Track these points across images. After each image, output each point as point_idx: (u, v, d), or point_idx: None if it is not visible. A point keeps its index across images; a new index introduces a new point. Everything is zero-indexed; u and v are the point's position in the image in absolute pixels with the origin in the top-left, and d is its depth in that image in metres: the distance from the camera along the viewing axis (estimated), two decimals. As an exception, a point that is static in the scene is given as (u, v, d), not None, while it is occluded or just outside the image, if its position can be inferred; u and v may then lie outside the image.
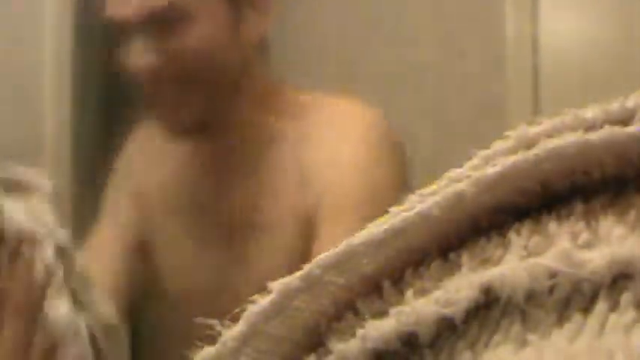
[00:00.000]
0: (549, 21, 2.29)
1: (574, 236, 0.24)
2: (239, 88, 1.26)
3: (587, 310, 0.22)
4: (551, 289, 0.23)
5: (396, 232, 0.26)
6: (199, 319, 0.28)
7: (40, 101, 2.57)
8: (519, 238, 0.24)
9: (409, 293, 0.25)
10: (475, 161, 0.26)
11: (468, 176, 0.25)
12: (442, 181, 0.26)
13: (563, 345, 0.22)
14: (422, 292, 0.25)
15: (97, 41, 2.77)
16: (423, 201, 0.26)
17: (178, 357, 0.28)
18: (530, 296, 0.23)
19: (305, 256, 1.18)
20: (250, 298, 0.26)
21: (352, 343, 0.25)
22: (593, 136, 0.24)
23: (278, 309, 0.26)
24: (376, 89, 2.46)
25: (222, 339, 0.27)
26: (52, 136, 2.59)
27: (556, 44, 2.30)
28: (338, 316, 0.26)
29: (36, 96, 2.57)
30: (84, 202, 2.69)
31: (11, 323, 0.63)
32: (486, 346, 0.23)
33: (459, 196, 0.25)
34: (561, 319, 0.22)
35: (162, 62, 1.21)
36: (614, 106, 0.26)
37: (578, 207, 0.25)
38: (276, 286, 0.26)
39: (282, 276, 0.26)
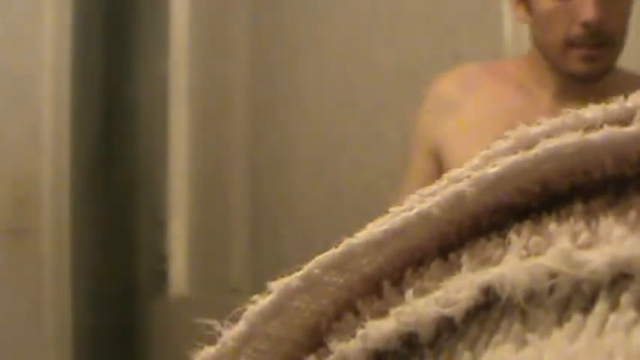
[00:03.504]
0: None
1: (574, 236, 0.24)
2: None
3: (587, 310, 0.22)
4: (551, 289, 0.23)
5: (395, 232, 0.25)
6: (199, 319, 0.28)
7: (40, 101, 2.57)
8: (519, 239, 0.24)
9: (409, 293, 0.25)
10: (475, 161, 0.26)
11: (468, 176, 0.25)
12: (442, 181, 0.26)
13: (563, 345, 0.22)
14: (422, 292, 0.25)
15: (97, 41, 2.77)
16: (422, 201, 0.26)
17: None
18: (530, 296, 0.23)
19: None
20: (251, 298, 0.26)
21: (352, 343, 0.25)
22: (593, 136, 0.24)
23: (278, 309, 0.26)
24: (374, 90, 2.46)
25: (222, 339, 0.27)
26: (51, 135, 2.58)
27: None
28: (338, 316, 0.26)
29: (36, 96, 2.57)
30: (83, 202, 2.69)
31: None
32: (486, 346, 0.23)
33: (459, 196, 0.25)
34: (561, 319, 0.22)
35: (598, 66, 1.50)
36: (614, 106, 0.25)
37: (578, 207, 0.25)
38: (276, 286, 0.26)
39: None
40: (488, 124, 1.53)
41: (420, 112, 1.67)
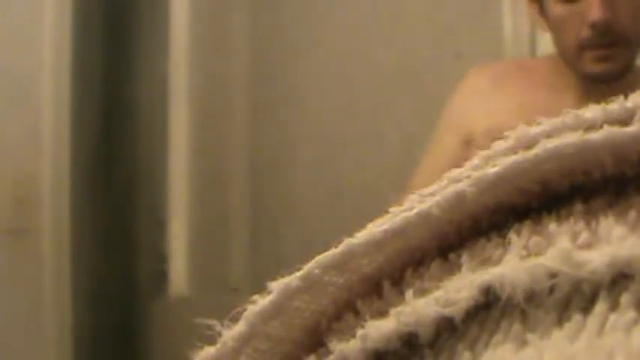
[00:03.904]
0: (548, 21, 2.29)
1: (574, 236, 0.24)
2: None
3: (587, 310, 0.22)
4: (551, 289, 0.23)
5: (395, 233, 0.25)
6: (199, 319, 0.28)
7: (40, 101, 2.57)
8: (519, 238, 0.24)
9: (409, 293, 0.25)
10: (475, 161, 0.26)
11: (468, 176, 0.25)
12: (442, 181, 0.26)
13: (563, 345, 0.22)
14: (422, 292, 0.25)
15: (97, 41, 2.77)
16: (423, 201, 0.26)
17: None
18: (530, 296, 0.23)
19: None
20: (251, 298, 0.26)
21: (352, 343, 0.25)
22: (593, 136, 0.24)
23: (278, 309, 0.26)
24: (374, 90, 2.46)
25: (222, 339, 0.27)
26: (51, 135, 2.58)
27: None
28: (338, 316, 0.26)
29: (36, 96, 2.57)
30: (83, 202, 2.69)
31: None
32: (486, 345, 0.23)
33: (459, 196, 0.25)
34: (561, 319, 0.22)
35: (614, 66, 1.52)
36: (614, 106, 0.25)
37: (578, 207, 0.25)
38: (276, 286, 0.26)
39: None
40: (516, 122, 1.57)
41: (453, 99, 1.69)
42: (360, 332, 0.25)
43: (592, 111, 0.25)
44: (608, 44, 1.49)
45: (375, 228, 0.26)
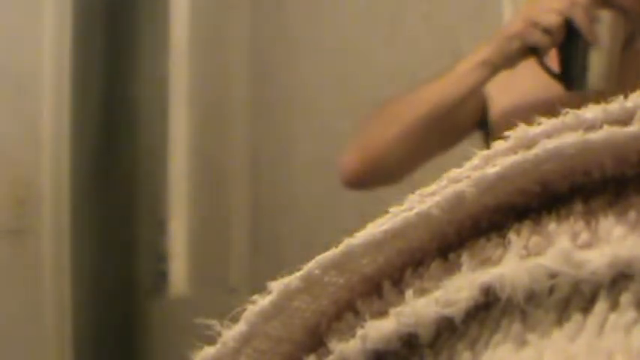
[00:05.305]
0: (548, 21, 2.29)
1: (574, 236, 0.24)
2: None
3: (587, 310, 0.22)
4: (551, 289, 0.23)
5: (395, 233, 0.25)
6: (199, 319, 0.28)
7: (39, 101, 2.57)
8: (519, 238, 0.24)
9: (409, 293, 0.25)
10: (475, 161, 0.26)
11: (468, 176, 0.25)
12: (442, 181, 0.26)
13: (563, 345, 0.22)
14: (422, 292, 0.25)
15: (97, 41, 2.77)
16: (422, 201, 0.26)
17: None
18: (530, 296, 0.23)
19: None
20: (251, 298, 0.26)
21: (352, 344, 0.25)
22: (593, 136, 0.24)
23: (278, 309, 0.26)
24: (374, 89, 2.46)
25: (222, 339, 0.27)
26: (51, 135, 2.58)
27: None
28: (338, 316, 0.26)
29: (36, 96, 2.57)
30: (83, 202, 2.69)
31: None
32: (486, 345, 0.23)
33: (459, 196, 0.25)
34: (561, 319, 0.22)
35: None
36: (614, 106, 0.25)
37: (578, 207, 0.25)
38: (276, 286, 0.26)
39: None
40: (531, 97, 1.60)
41: None
42: (360, 332, 0.25)
43: (592, 111, 0.25)
44: None
45: (375, 228, 0.26)
